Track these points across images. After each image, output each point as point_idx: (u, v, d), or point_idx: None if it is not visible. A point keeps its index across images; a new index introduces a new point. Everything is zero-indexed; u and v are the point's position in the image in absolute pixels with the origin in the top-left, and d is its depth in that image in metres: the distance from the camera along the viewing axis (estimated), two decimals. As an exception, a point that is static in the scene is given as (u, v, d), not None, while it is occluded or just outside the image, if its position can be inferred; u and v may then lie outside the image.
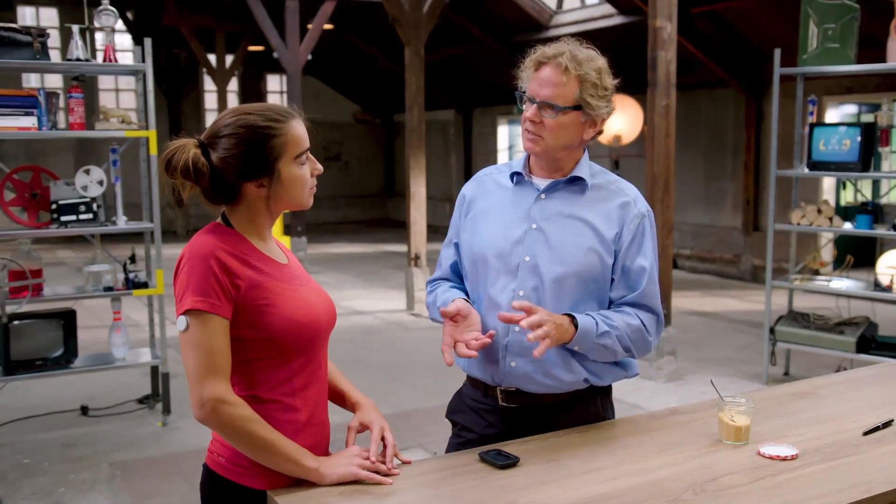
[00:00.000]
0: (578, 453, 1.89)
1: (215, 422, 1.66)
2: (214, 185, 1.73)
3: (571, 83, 1.98)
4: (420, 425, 4.97)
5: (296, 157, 1.75)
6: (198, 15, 13.80)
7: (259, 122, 1.72)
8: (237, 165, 1.71)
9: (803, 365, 6.13)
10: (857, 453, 1.89)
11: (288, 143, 1.73)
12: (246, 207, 1.76)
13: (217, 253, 1.67)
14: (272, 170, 1.72)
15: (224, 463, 1.75)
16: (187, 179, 1.70)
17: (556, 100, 1.98)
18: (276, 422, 1.71)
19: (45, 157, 13.97)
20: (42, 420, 5.06)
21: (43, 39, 4.50)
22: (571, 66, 1.97)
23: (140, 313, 6.74)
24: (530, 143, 2.05)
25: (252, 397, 1.72)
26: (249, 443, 1.67)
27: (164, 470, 4.33)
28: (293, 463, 1.69)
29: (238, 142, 1.70)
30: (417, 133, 8.53)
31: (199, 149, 1.71)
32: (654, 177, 5.80)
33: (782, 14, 8.59)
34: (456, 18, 12.07)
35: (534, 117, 2.01)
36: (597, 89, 1.99)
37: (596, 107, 2.00)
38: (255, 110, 1.74)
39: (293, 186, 1.76)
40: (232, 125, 1.72)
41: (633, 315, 2.03)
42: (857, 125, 5.49)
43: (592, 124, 2.04)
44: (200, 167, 1.69)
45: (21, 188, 4.70)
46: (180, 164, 1.68)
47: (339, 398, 1.96)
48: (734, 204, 10.82)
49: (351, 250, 13.97)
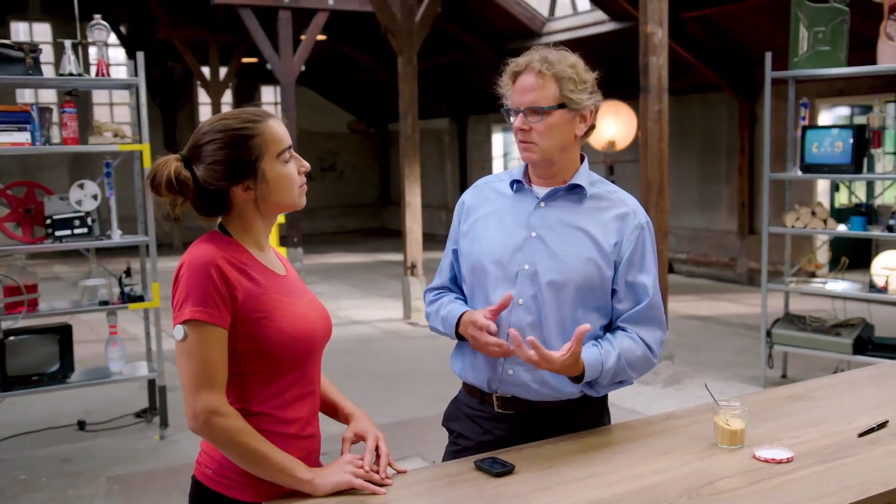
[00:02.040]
0: (574, 460, 1.89)
1: (208, 433, 1.66)
2: (201, 196, 1.72)
3: (549, 83, 2.00)
4: (418, 433, 4.96)
5: (278, 155, 1.74)
6: (191, 28, 13.81)
7: (235, 125, 1.72)
8: (220, 171, 1.71)
9: (800, 367, 6.14)
10: (852, 455, 1.89)
11: (267, 141, 1.73)
12: (238, 214, 1.76)
13: (217, 262, 1.67)
14: (255, 170, 1.72)
15: (211, 475, 1.74)
16: (173, 194, 1.70)
17: (539, 102, 2.00)
18: (266, 434, 1.70)
19: (40, 171, 13.96)
20: (39, 435, 5.05)
21: (35, 55, 4.50)
22: (544, 67, 2.00)
23: (136, 326, 6.73)
24: (526, 152, 2.06)
25: (243, 409, 1.71)
26: (242, 454, 1.67)
27: (162, 483, 4.32)
28: (286, 474, 1.68)
29: (218, 147, 1.70)
30: (412, 142, 8.55)
31: (181, 162, 1.72)
32: (648, 182, 5.81)
33: (773, 18, 8.62)
34: (448, 27, 12.11)
35: (522, 125, 2.03)
36: (575, 84, 2.01)
37: (579, 101, 2.02)
38: (230, 115, 1.75)
39: (280, 185, 1.75)
40: (210, 132, 1.72)
41: (638, 340, 2.04)
42: (849, 127, 5.51)
43: (582, 119, 2.05)
44: (183, 179, 1.70)
45: (15, 203, 4.70)
46: (164, 180, 1.69)
47: (331, 410, 1.95)
48: (729, 207, 10.84)
49: (347, 260, 13.97)
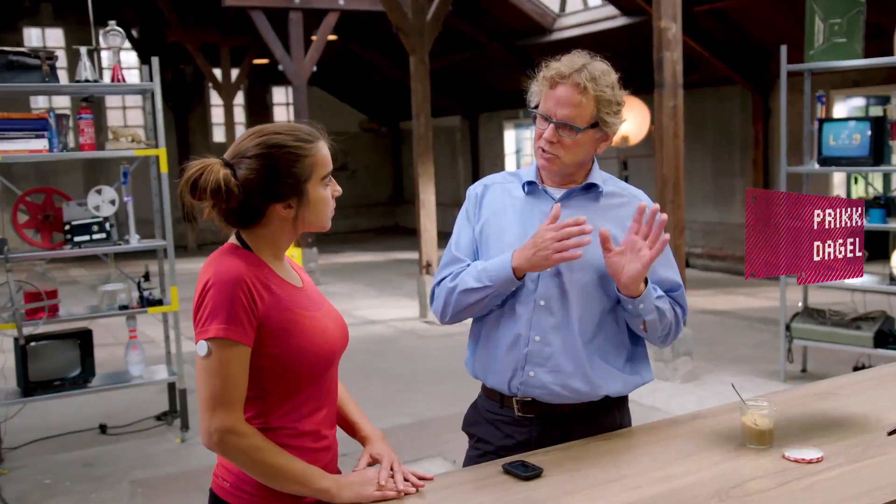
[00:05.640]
0: (601, 462, 1.88)
1: (222, 452, 1.66)
2: (240, 207, 1.69)
3: (589, 103, 1.97)
4: (438, 433, 4.96)
5: (322, 178, 1.73)
6: (202, 30, 13.86)
7: (290, 143, 1.69)
8: (266, 186, 1.67)
9: (820, 361, 6.10)
10: (882, 454, 1.87)
11: (317, 163, 1.71)
12: (270, 229, 1.73)
13: (245, 279, 1.64)
14: (301, 191, 1.70)
15: (228, 488, 1.73)
16: (215, 200, 1.66)
17: (575, 120, 1.97)
18: (284, 446, 1.69)
19: (56, 176, 14.07)
20: (61, 440, 5.08)
21: (52, 62, 4.53)
22: (590, 85, 1.95)
23: (155, 329, 6.77)
24: (546, 163, 2.04)
25: (262, 423, 1.70)
26: (258, 471, 1.66)
27: (184, 486, 4.34)
28: (304, 486, 1.67)
29: (267, 163, 1.67)
30: (425, 140, 8.55)
31: (229, 169, 1.67)
32: (664, 178, 5.79)
33: (786, 9, 8.57)
34: (459, 25, 12.09)
35: (552, 138, 2.00)
36: (611, 106, 1.99)
37: (612, 123, 2.01)
38: (283, 130, 1.71)
39: (318, 208, 1.73)
40: (261, 145, 1.68)
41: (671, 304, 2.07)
42: (867, 119, 5.47)
43: (605, 138, 2.05)
44: (233, 187, 1.65)
45: (34, 210, 4.73)
46: (210, 185, 1.63)
47: (349, 428, 1.94)
48: (743, 200, 10.77)
49: (362, 259, 13.98)
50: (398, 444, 4.12)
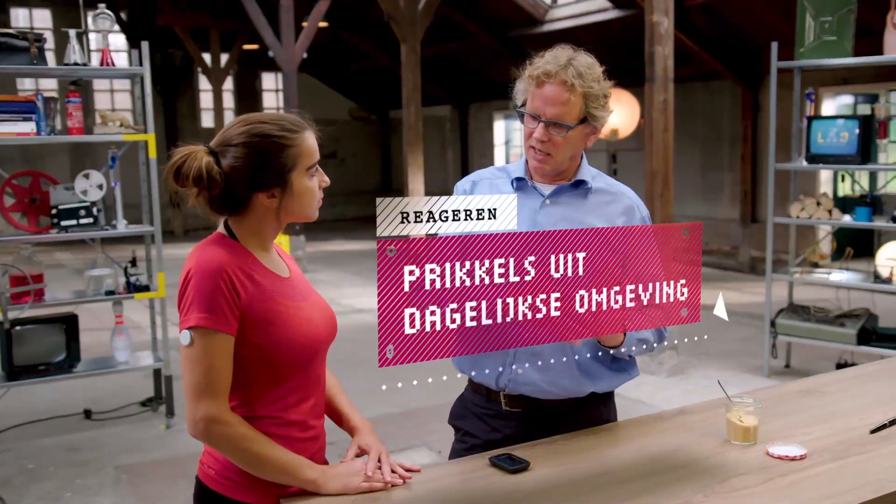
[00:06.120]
0: (587, 456, 1.90)
1: (208, 440, 1.66)
2: (223, 194, 1.69)
3: (577, 100, 1.96)
4: (424, 423, 4.98)
5: (307, 169, 1.72)
6: (192, 14, 13.76)
7: (274, 132, 1.68)
8: (249, 175, 1.67)
9: (804, 357, 6.15)
10: (865, 452, 1.89)
11: (302, 153, 1.71)
12: (254, 218, 1.73)
13: (226, 268, 1.64)
14: (285, 181, 1.70)
15: (214, 476, 1.74)
16: (199, 187, 1.66)
17: (565, 118, 1.97)
18: (271, 436, 1.69)
19: (42, 159, 13.94)
20: (46, 424, 5.07)
21: (40, 44, 4.49)
22: (577, 82, 1.94)
23: (141, 315, 6.74)
24: (539, 163, 2.03)
25: (248, 412, 1.70)
26: (243, 460, 1.66)
27: (169, 473, 4.34)
28: (290, 475, 1.68)
29: (251, 151, 1.67)
30: (415, 130, 8.54)
31: (212, 157, 1.67)
32: (653, 172, 5.80)
33: (777, 6, 8.59)
34: (451, 14, 12.06)
35: (543, 137, 1.99)
36: (599, 100, 1.99)
37: (600, 117, 2.01)
38: (269, 119, 1.70)
39: (303, 198, 1.73)
40: (245, 134, 1.68)
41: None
42: (856, 117, 5.49)
43: (594, 132, 2.05)
44: (215, 175, 1.65)
45: (21, 193, 4.70)
46: (192, 172, 1.64)
47: (337, 418, 1.94)
48: (731, 195, 10.84)
49: (349, 248, 13.96)
50: (384, 434, 4.12)
